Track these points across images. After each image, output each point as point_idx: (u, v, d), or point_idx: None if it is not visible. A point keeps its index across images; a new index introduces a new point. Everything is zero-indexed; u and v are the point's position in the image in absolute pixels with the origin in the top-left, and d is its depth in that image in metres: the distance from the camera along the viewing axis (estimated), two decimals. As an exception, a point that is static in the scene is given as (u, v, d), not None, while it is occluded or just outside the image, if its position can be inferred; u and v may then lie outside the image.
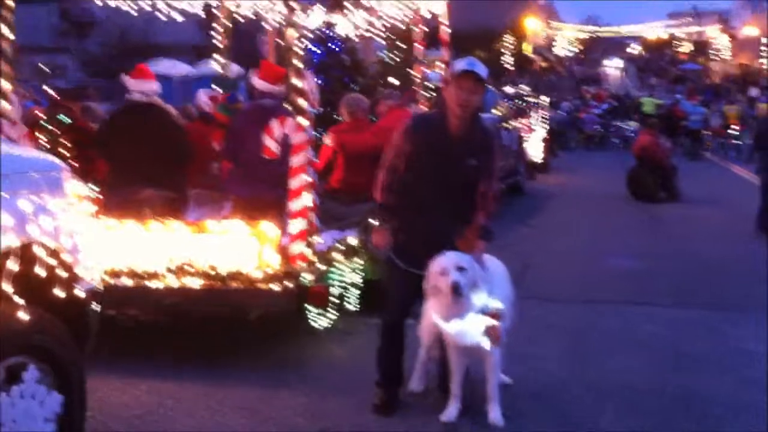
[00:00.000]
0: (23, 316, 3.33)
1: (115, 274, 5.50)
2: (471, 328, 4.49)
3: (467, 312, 4.43)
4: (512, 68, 50.32)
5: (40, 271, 3.50)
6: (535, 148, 17.83)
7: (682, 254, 9.81)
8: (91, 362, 3.98)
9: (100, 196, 5.82)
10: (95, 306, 4.00)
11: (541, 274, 8.62)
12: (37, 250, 3.48)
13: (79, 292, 3.78)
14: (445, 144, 4.65)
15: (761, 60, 49.15)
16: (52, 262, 3.56)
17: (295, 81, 5.64)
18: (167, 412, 4.78)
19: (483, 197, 4.66)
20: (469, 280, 4.37)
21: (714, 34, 68.32)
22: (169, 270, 5.52)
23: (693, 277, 8.62)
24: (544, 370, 5.52)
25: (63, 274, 3.64)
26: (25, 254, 3.41)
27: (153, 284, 5.51)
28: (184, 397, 5.02)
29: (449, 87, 4.65)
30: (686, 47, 79.26)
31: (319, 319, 5.67)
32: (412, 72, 9.84)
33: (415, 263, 4.57)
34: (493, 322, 4.49)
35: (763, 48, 48.36)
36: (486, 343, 4.52)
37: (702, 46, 73.93)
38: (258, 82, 6.44)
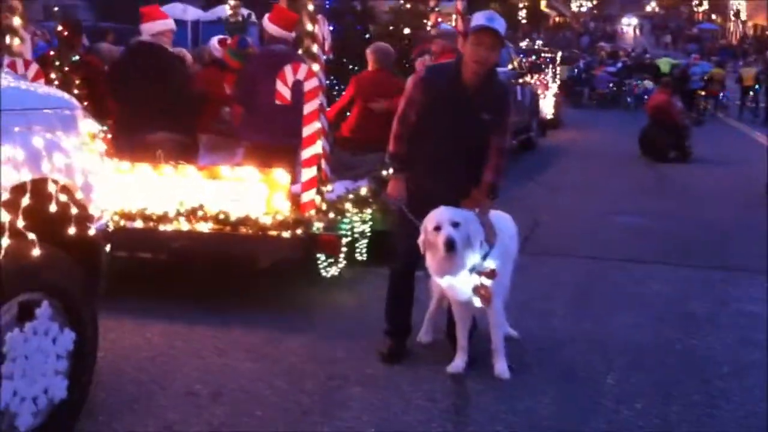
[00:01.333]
0: (36, 252, 3.33)
1: (127, 217, 5.51)
2: (463, 285, 4.49)
3: (460, 269, 4.39)
4: (527, 23, 49.69)
5: (53, 208, 3.49)
6: (547, 105, 17.70)
7: (689, 215, 9.78)
8: (104, 304, 4.00)
9: (112, 138, 5.79)
10: (106, 246, 4.02)
11: (551, 230, 8.62)
12: (50, 187, 3.47)
13: (92, 231, 3.78)
14: (459, 97, 4.57)
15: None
16: (65, 199, 3.56)
17: (308, 26, 5.58)
18: (177, 354, 4.83)
19: (494, 153, 4.62)
20: (463, 236, 4.30)
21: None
22: (180, 214, 5.52)
23: (699, 237, 8.61)
24: (551, 326, 5.55)
25: (75, 212, 3.63)
26: (38, 190, 3.40)
27: (163, 227, 5.52)
28: (193, 339, 5.06)
29: (467, 42, 4.57)
30: (703, 6, 78.14)
31: (329, 268, 5.69)
32: (425, 21, 9.72)
33: (423, 215, 4.51)
34: (485, 281, 4.42)
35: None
36: (476, 302, 4.49)
37: (719, 6, 72.85)
38: (270, 26, 6.37)
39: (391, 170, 4.85)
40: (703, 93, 24.64)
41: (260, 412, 4.10)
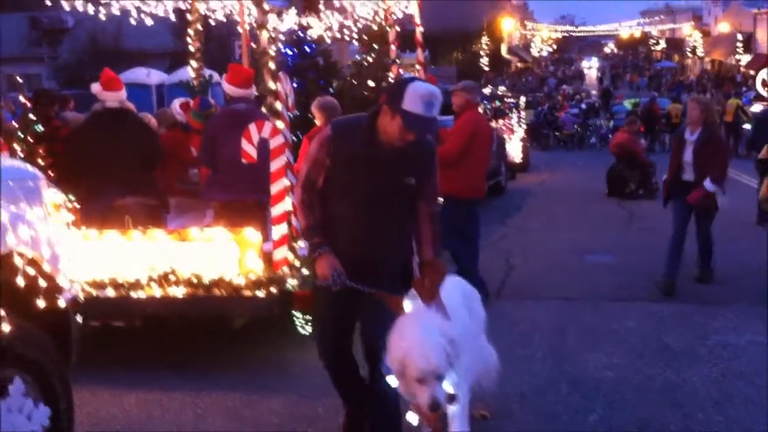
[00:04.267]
0: (5, 326, 3.28)
1: (98, 285, 5.46)
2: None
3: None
4: (489, 69, 50.52)
5: (21, 281, 3.45)
6: (514, 149, 17.90)
7: (660, 250, 9.85)
8: (79, 374, 3.94)
9: (78, 206, 5.75)
10: (77, 316, 3.97)
11: (524, 273, 8.64)
12: (17, 260, 3.44)
13: (61, 302, 3.73)
14: (376, 159, 3.85)
15: (736, 56, 49.58)
16: (32, 271, 3.52)
17: (270, 84, 5.63)
18: (155, 424, 4.74)
19: (425, 222, 3.97)
20: (445, 384, 3.64)
21: (687, 31, 68.88)
22: (152, 279, 5.48)
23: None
24: (530, 370, 5.52)
25: (44, 283, 3.59)
26: (5, 264, 3.37)
27: (136, 294, 5.47)
28: (171, 406, 4.98)
29: (390, 115, 3.77)
30: (660, 45, 79.97)
31: (306, 325, 5.64)
32: (387, 74, 9.84)
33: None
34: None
35: (738, 44, 48.77)
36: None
37: (676, 44, 74.58)
38: (227, 87, 6.39)
39: (310, 248, 4.01)
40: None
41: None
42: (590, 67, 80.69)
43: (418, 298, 3.89)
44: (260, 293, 5.39)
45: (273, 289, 5.38)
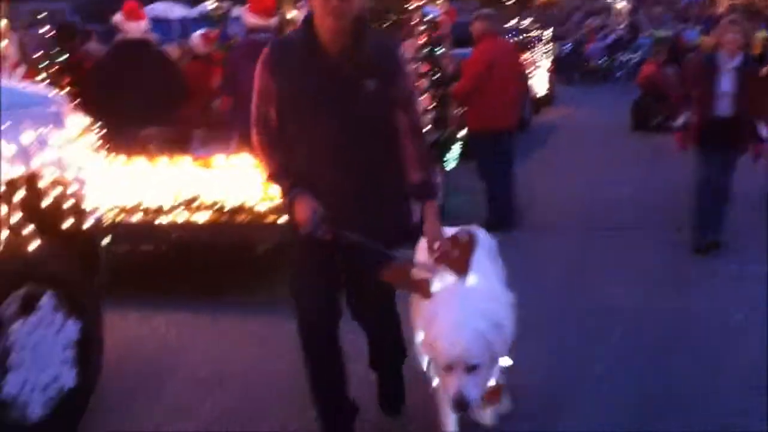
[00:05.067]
0: (35, 245, 3.40)
1: (124, 211, 5.58)
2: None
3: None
4: (514, 2, 49.55)
5: (48, 202, 3.56)
6: (539, 82, 17.71)
7: (682, 185, 9.80)
8: (108, 298, 4.08)
9: (103, 135, 5.84)
10: (104, 239, 4.09)
11: (544, 205, 8.65)
12: (43, 182, 3.54)
13: (87, 224, 3.84)
14: (322, 70, 3.22)
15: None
16: (59, 193, 3.62)
17: (289, 13, 5.63)
18: (182, 343, 4.90)
19: (408, 138, 3.28)
20: (482, 379, 3.03)
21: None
22: (177, 205, 5.58)
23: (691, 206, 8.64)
24: (545, 299, 5.55)
25: (70, 205, 3.70)
26: (32, 185, 3.47)
27: (161, 220, 5.58)
28: (197, 327, 5.13)
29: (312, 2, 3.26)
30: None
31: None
32: (407, 6, 9.75)
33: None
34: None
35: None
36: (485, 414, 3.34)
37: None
38: (248, 17, 6.38)
39: (281, 195, 3.35)
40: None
41: (265, 395, 4.16)
42: (617, 1, 78.91)
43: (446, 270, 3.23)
44: (282, 220, 5.47)
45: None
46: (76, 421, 3.67)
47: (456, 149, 9.28)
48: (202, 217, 5.55)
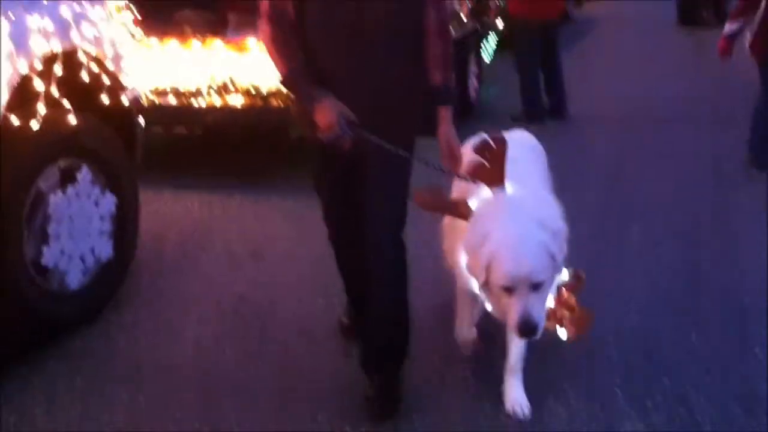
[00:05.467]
0: (72, 119, 3.48)
1: (159, 93, 5.63)
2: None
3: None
4: None
5: (85, 78, 3.62)
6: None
7: (725, 79, 9.60)
8: (144, 178, 4.18)
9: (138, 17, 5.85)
10: (140, 119, 4.16)
11: (581, 99, 8.55)
12: (81, 56, 3.59)
13: (124, 100, 3.91)
14: None
15: None
16: (96, 69, 3.67)
17: None
18: (216, 221, 5.03)
19: (433, 37, 2.97)
20: (545, 296, 2.70)
21: None
22: (212, 88, 5.62)
23: (734, 100, 8.48)
24: (582, 190, 5.52)
25: (107, 81, 3.75)
26: (69, 60, 3.52)
27: (196, 102, 5.63)
28: (231, 207, 5.25)
29: None
30: None
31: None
32: None
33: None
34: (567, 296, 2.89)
35: None
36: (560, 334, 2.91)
37: None
38: None
39: (300, 99, 2.97)
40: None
41: (297, 270, 4.29)
42: None
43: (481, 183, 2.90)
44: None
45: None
46: (114, 290, 3.82)
47: (493, 40, 9.13)
48: (236, 101, 5.59)
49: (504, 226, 2.65)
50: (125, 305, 3.82)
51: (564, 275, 2.84)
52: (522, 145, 3.24)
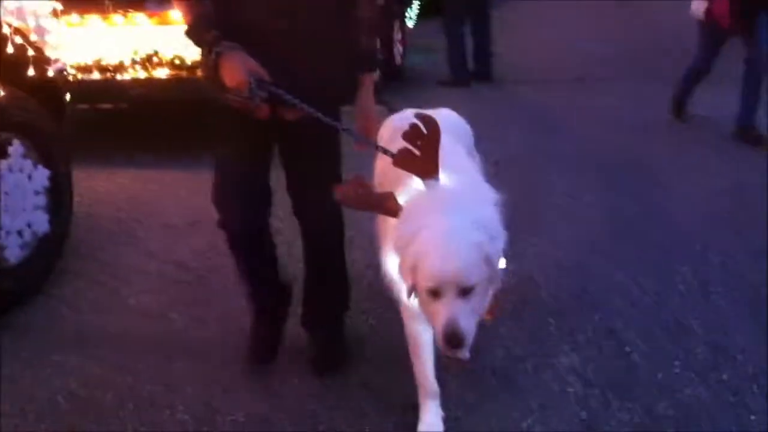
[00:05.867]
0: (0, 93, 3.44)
1: (83, 69, 5.56)
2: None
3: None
4: None
5: (9, 50, 3.57)
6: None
7: (650, 40, 9.91)
8: (74, 156, 4.14)
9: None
10: (66, 92, 4.12)
11: (509, 60, 8.73)
12: (4, 29, 3.54)
13: (50, 72, 3.87)
14: None
15: None
16: (20, 41, 3.63)
17: None
18: (151, 195, 5.02)
19: (365, 2, 2.74)
20: (477, 306, 2.23)
21: None
22: (135, 62, 5.57)
23: (658, 57, 8.80)
24: (511, 144, 5.74)
25: (32, 53, 3.71)
26: (-6, 34, 3.47)
27: (120, 77, 5.58)
28: (165, 181, 5.24)
29: None
30: None
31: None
32: None
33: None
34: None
35: None
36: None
37: None
38: None
39: (204, 50, 2.62)
40: None
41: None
42: None
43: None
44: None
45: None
46: (53, 264, 3.81)
47: (416, 5, 9.23)
48: (161, 73, 5.56)
49: (435, 222, 2.22)
50: (65, 278, 3.82)
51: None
52: (451, 127, 2.83)
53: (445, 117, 2.90)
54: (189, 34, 2.61)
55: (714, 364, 2.99)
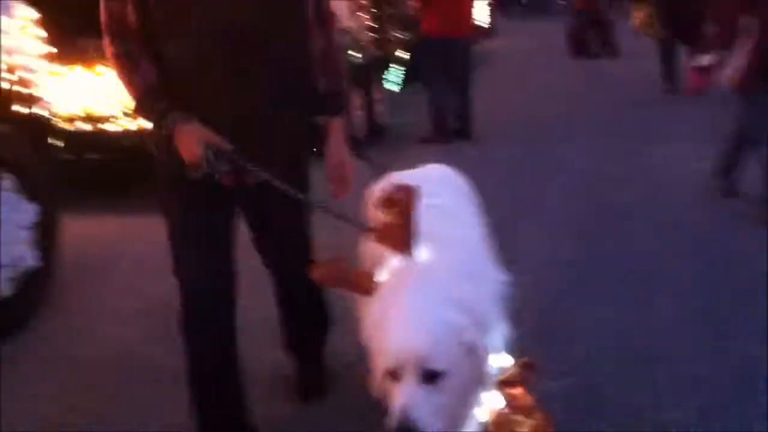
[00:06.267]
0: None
1: (71, 120, 5.61)
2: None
3: None
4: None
5: (2, 86, 3.64)
6: (480, 14, 17.82)
7: (612, 100, 10.25)
8: (63, 203, 4.18)
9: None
10: (54, 125, 4.19)
11: (485, 122, 8.91)
12: (-1, 67, 3.61)
13: (38, 110, 3.93)
14: None
15: None
16: (9, 77, 3.70)
17: None
18: (137, 242, 5.05)
19: (319, 34, 2.55)
20: (448, 396, 1.85)
21: None
22: (125, 113, 5.64)
23: (621, 116, 9.12)
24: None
25: (20, 90, 3.78)
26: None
27: (110, 127, 5.65)
28: (152, 229, 5.25)
29: None
30: None
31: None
32: None
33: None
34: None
35: None
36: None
37: None
38: None
39: (155, 122, 2.39)
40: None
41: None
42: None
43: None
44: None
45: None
46: (40, 298, 3.83)
47: (398, 70, 9.44)
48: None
49: (403, 300, 1.94)
50: (43, 313, 3.83)
51: (505, 365, 2.04)
52: (443, 186, 2.55)
53: (437, 174, 2.69)
54: (137, 109, 2.43)
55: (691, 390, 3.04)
